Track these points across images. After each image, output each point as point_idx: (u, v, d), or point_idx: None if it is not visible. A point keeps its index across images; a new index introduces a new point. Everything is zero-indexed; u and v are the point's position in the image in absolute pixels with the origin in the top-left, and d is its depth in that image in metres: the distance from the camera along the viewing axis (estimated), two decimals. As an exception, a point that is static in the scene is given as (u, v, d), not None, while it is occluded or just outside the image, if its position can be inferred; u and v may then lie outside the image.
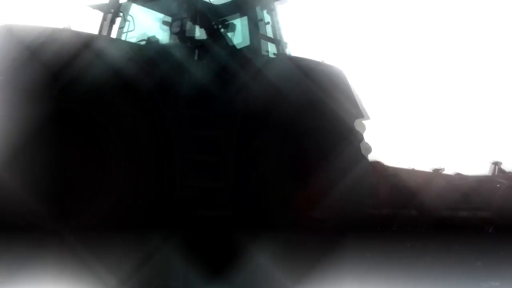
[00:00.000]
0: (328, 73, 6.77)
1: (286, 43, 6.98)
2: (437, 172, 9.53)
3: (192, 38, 6.14)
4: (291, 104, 6.25)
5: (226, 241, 5.76)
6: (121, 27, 6.84)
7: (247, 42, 6.75)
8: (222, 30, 6.67)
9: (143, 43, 6.42)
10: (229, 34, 6.70)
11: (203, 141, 5.96)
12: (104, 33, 6.79)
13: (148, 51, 6.08)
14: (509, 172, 9.42)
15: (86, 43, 5.20)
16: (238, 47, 6.70)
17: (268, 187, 6.09)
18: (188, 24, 5.98)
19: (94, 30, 6.83)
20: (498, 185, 8.94)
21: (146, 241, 4.94)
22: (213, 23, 6.59)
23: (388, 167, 8.92)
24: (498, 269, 5.64)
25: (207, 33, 6.58)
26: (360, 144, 6.86)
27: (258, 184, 6.05)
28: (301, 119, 6.41)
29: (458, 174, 9.76)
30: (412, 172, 9.31)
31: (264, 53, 6.69)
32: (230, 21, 6.84)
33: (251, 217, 5.97)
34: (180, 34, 5.99)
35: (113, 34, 6.88)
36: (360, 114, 6.89)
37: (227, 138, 6.07)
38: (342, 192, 6.62)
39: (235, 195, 5.95)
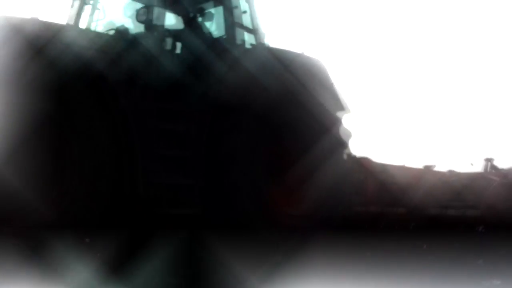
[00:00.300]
0: (308, 65, 6.53)
1: (263, 33, 6.68)
2: (428, 168, 9.29)
3: (160, 27, 5.83)
4: (268, 96, 5.98)
5: (195, 241, 5.47)
6: (90, 16, 6.55)
7: (221, 32, 6.47)
8: (199, 19, 6.39)
9: (112, 32, 6.12)
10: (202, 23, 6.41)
11: (173, 136, 5.70)
12: (72, 22, 6.50)
13: (116, 41, 5.79)
14: (502, 169, 9.19)
15: (53, 33, 5.02)
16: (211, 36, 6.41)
17: (241, 183, 5.83)
18: (156, 12, 5.66)
19: (62, 19, 6.55)
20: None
21: (104, 242, 4.65)
22: (189, 11, 6.30)
23: (376, 163, 8.71)
24: (500, 268, 5.52)
25: (183, 22, 6.30)
26: (340, 131, 6.60)
27: (231, 180, 5.79)
28: (279, 112, 6.16)
29: (450, 171, 9.52)
30: (402, 168, 9.07)
31: (239, 43, 6.40)
32: (207, 10, 6.55)
33: (223, 215, 5.71)
34: (147, 22, 5.69)
35: (82, 24, 6.59)
36: (341, 107, 6.62)
37: (198, 132, 5.80)
38: (322, 188, 6.35)
39: (206, 192, 5.68)
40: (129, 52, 5.62)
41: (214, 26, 6.59)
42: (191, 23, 6.34)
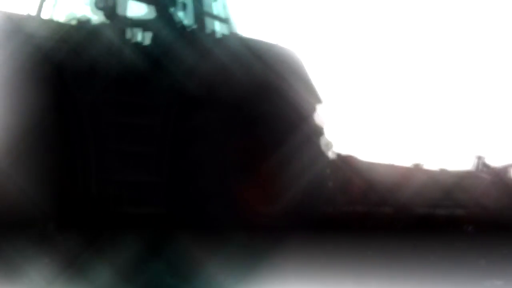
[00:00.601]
0: (282, 56, 6.29)
1: (235, 23, 6.41)
2: (416, 167, 9.03)
3: (121, 16, 5.56)
4: (239, 88, 5.70)
5: (158, 243, 5.16)
6: (53, 6, 6.30)
7: (190, 21, 6.17)
8: (171, 9, 6.12)
9: (73, 22, 5.85)
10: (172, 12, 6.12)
11: (136, 130, 5.42)
12: (34, 12, 6.23)
13: (77, 31, 5.52)
14: (493, 167, 8.93)
15: (14, 24, 4.91)
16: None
17: (209, 180, 5.55)
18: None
19: (23, 10, 6.26)
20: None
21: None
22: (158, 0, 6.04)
23: (362, 161, 8.47)
24: (502, 268, 5.41)
25: (153, 11, 6.03)
26: (316, 124, 6.38)
27: (198, 177, 5.50)
28: (251, 104, 5.87)
29: (442, 170, 9.26)
30: (390, 167, 8.80)
31: (209, 32, 6.14)
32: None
33: (190, 214, 5.43)
34: (106, 10, 5.41)
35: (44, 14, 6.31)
36: (317, 99, 6.37)
37: (163, 126, 5.51)
38: (299, 185, 6.07)
39: (171, 190, 5.38)
40: (89, 42, 5.36)
41: (183, 15, 6.30)
42: (160, 12, 6.07)
